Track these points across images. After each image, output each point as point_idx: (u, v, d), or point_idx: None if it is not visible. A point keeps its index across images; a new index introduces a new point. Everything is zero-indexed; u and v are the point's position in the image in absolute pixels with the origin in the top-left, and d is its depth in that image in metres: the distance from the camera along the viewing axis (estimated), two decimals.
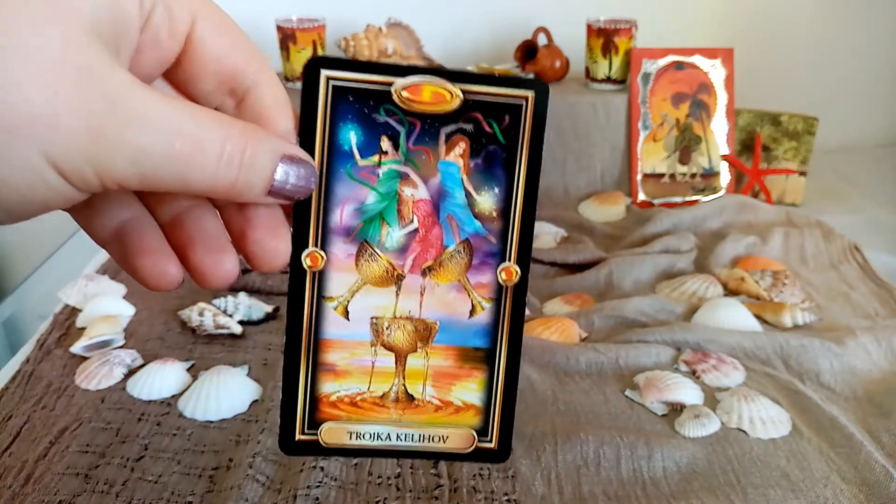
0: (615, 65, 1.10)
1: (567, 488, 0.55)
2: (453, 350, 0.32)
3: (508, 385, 0.33)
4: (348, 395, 0.32)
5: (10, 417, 0.63)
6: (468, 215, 0.30)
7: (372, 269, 0.30)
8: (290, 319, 0.31)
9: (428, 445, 0.33)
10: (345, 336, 0.31)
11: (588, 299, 0.82)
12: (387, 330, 0.31)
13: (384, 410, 0.32)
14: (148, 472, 0.56)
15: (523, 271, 0.31)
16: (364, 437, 0.32)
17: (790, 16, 1.28)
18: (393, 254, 0.30)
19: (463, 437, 0.33)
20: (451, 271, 0.31)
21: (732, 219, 1.01)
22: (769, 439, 0.59)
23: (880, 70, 1.34)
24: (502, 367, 0.32)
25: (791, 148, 1.09)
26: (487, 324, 0.32)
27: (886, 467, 0.56)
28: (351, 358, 0.31)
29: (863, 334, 0.72)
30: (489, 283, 0.31)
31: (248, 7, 1.20)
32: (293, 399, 0.32)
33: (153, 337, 0.74)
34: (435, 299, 0.31)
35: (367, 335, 0.31)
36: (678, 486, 0.55)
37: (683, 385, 0.64)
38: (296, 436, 0.33)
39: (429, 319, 0.31)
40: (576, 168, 1.10)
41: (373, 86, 0.28)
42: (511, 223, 0.31)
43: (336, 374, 0.32)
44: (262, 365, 0.70)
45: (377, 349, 0.32)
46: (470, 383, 0.32)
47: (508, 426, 0.33)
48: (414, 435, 0.33)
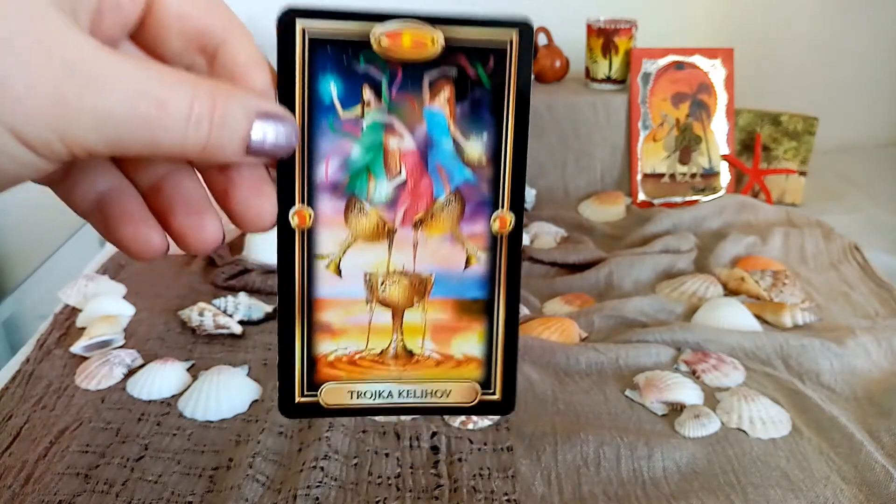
0: (615, 65, 1.10)
1: (567, 488, 0.55)
2: (450, 303, 0.31)
3: (509, 336, 0.32)
4: (346, 355, 0.31)
5: (10, 417, 0.63)
6: (457, 164, 0.30)
7: (362, 224, 0.30)
8: (282, 280, 0.30)
9: (431, 401, 0.32)
10: (339, 294, 0.30)
11: (588, 299, 0.82)
12: (381, 285, 0.31)
13: (384, 368, 0.32)
14: (148, 472, 0.56)
15: (517, 219, 0.30)
16: (365, 396, 0.32)
17: (790, 16, 1.28)
18: (382, 207, 0.29)
19: (466, 390, 0.32)
20: (443, 223, 0.30)
21: (732, 219, 1.01)
22: (769, 439, 0.59)
23: (880, 70, 1.34)
24: (501, 317, 0.32)
25: (791, 148, 1.09)
26: (483, 275, 0.31)
27: (886, 467, 0.56)
28: (347, 316, 0.31)
29: (863, 334, 0.72)
30: (483, 234, 0.30)
31: (248, 8, 1.20)
32: (290, 362, 0.31)
33: (153, 337, 0.74)
34: (428, 252, 0.30)
35: (361, 292, 0.30)
36: (678, 486, 0.55)
37: (683, 385, 0.65)
38: (295, 398, 0.31)
39: (423, 273, 0.31)
40: (576, 168, 1.10)
41: (351, 35, 0.27)
42: (502, 169, 0.30)
43: (332, 334, 0.31)
44: (262, 365, 0.70)
45: (373, 306, 0.31)
46: (469, 336, 0.32)
47: (512, 377, 0.32)
48: (416, 391, 0.32)
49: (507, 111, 0.30)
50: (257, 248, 0.87)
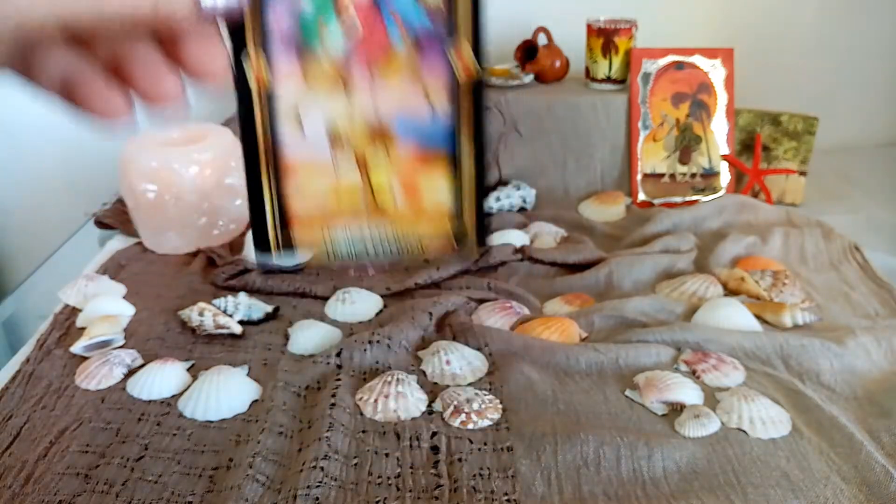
0: (615, 65, 1.10)
1: (567, 488, 0.55)
2: (419, 158, 0.31)
3: (479, 187, 0.32)
4: (319, 212, 0.31)
5: (11, 417, 0.63)
6: (415, 9, 0.29)
7: (318, 76, 0.29)
8: (246, 144, 0.30)
9: (406, 253, 0.32)
10: (305, 151, 0.30)
11: (588, 299, 0.82)
12: (343, 134, 0.30)
13: (357, 223, 0.32)
14: (148, 472, 0.56)
15: (480, 67, 0.30)
16: (341, 250, 0.32)
17: (790, 16, 1.28)
18: (339, 58, 0.29)
19: (439, 241, 0.32)
20: (401, 70, 0.30)
21: (732, 219, 1.01)
22: (769, 439, 0.59)
23: (880, 70, 1.34)
24: (468, 169, 0.31)
25: (791, 148, 1.09)
26: (449, 127, 0.31)
27: (886, 467, 0.56)
28: (315, 174, 0.31)
29: (863, 334, 0.72)
30: (445, 83, 0.30)
31: None
32: (262, 223, 0.31)
33: (153, 337, 0.74)
34: (388, 99, 0.30)
35: (325, 146, 0.30)
36: (678, 485, 0.55)
37: (683, 385, 0.65)
38: (272, 257, 0.32)
39: (384, 120, 0.30)
40: (576, 168, 1.10)
41: None
42: (457, 14, 0.29)
43: (303, 195, 0.31)
44: (262, 365, 0.70)
45: (338, 160, 0.31)
46: (438, 187, 0.32)
47: (482, 227, 0.32)
48: (391, 244, 0.32)
49: None
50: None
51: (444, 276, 0.84)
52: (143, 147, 0.89)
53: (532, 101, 1.07)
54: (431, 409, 0.63)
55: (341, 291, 0.81)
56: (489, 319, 0.76)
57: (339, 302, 0.79)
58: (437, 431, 0.60)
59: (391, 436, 0.60)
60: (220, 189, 0.91)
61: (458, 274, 0.86)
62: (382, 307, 0.81)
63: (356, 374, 0.67)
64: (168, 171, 0.87)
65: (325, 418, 0.59)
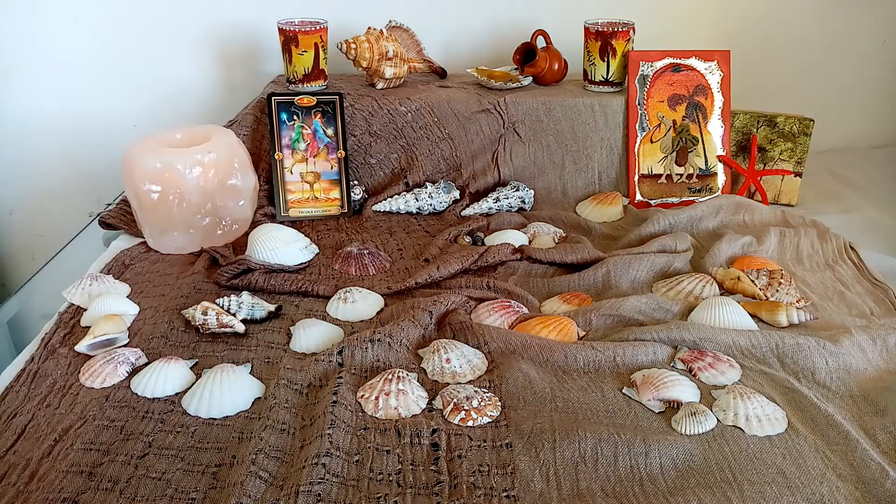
0: (613, 67, 1.11)
1: (565, 484, 0.56)
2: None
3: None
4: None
5: (15, 415, 0.63)
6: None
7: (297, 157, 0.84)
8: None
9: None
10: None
11: (586, 298, 0.83)
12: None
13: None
14: (152, 470, 0.57)
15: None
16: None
17: (786, 18, 1.29)
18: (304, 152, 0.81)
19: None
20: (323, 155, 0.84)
21: (728, 219, 1.02)
22: (765, 436, 0.60)
23: (875, 72, 1.35)
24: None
25: (787, 149, 1.10)
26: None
27: (882, 464, 0.56)
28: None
29: (858, 333, 0.72)
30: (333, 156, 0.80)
31: (250, 9, 1.21)
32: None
33: (157, 335, 0.74)
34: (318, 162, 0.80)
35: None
36: (675, 482, 0.56)
37: (680, 383, 0.65)
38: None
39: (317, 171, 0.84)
40: (574, 169, 1.10)
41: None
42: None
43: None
44: (264, 363, 0.71)
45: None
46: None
47: None
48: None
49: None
50: (260, 248, 0.88)
51: (444, 276, 0.85)
52: (147, 148, 0.90)
53: (531, 103, 1.08)
54: (431, 406, 0.64)
55: (343, 290, 0.81)
56: (488, 318, 0.77)
57: (341, 301, 0.80)
58: (438, 428, 0.61)
59: (392, 433, 0.60)
60: (224, 190, 0.92)
61: (458, 273, 0.87)
62: (383, 306, 0.82)
63: (357, 372, 0.68)
64: (172, 172, 0.88)
65: (326, 415, 0.60)
